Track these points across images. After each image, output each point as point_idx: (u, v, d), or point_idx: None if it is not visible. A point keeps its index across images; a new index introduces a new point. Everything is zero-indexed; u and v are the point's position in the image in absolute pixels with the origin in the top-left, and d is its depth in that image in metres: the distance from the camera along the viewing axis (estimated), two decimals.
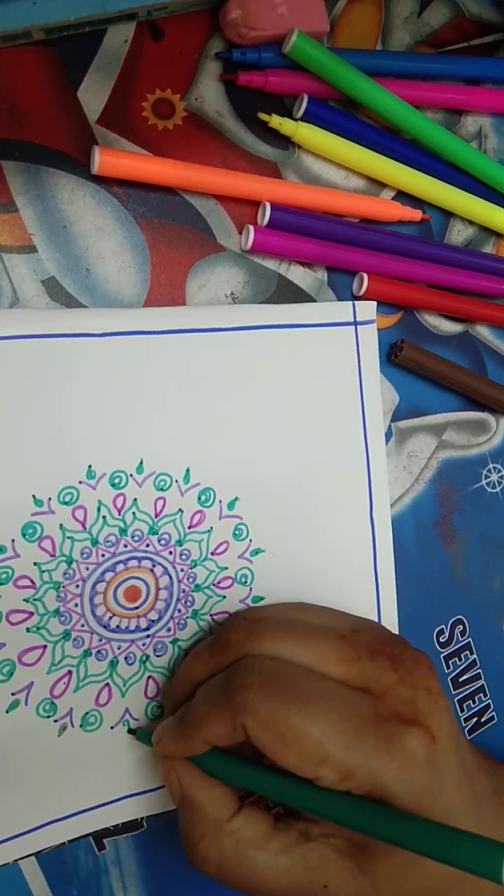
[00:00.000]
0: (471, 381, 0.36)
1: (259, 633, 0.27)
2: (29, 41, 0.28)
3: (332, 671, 0.26)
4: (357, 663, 0.26)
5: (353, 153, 0.33)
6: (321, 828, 0.25)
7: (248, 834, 0.25)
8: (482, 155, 0.35)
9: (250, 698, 0.24)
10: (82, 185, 0.30)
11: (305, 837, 0.25)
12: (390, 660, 0.26)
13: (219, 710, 0.25)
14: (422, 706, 0.25)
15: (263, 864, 0.25)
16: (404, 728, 0.24)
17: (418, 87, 0.34)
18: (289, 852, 0.25)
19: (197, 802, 0.26)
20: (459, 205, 0.36)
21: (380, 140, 0.34)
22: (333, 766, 0.23)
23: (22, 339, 0.28)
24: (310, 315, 0.33)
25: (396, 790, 0.24)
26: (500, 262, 0.37)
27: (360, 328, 0.34)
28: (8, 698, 0.28)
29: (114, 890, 0.32)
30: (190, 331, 0.30)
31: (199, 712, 0.26)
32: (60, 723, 0.29)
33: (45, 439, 0.28)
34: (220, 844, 0.25)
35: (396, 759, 0.24)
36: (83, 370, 0.29)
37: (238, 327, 0.31)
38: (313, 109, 0.32)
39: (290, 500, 0.33)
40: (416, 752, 0.24)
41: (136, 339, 0.30)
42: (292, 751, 0.24)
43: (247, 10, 0.30)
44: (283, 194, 0.32)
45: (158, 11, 0.30)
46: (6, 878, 0.30)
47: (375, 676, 0.26)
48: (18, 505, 0.28)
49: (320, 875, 0.25)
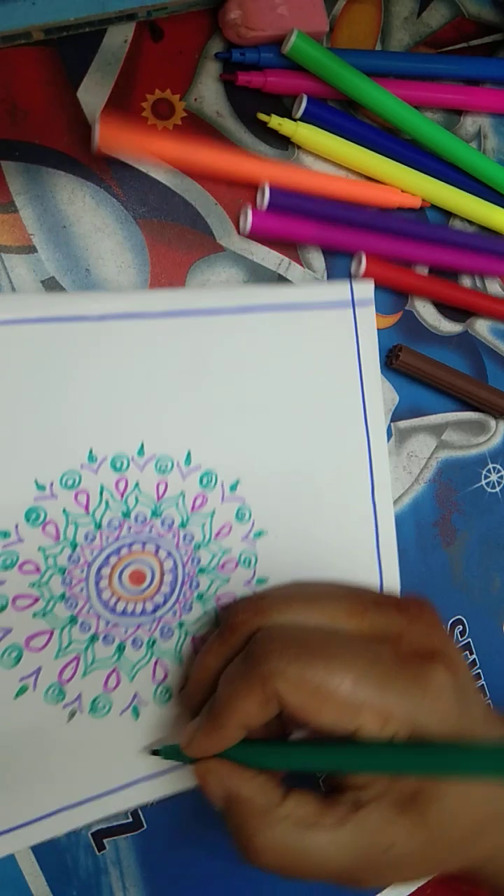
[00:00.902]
0: (468, 385, 0.36)
1: (265, 607, 0.27)
2: (29, 41, 0.28)
3: (345, 626, 0.26)
4: (366, 615, 0.26)
5: (352, 153, 0.33)
6: (369, 792, 0.25)
7: (302, 814, 0.25)
8: (481, 155, 0.35)
9: (275, 664, 0.24)
10: (82, 185, 0.30)
11: (357, 805, 0.25)
12: (396, 607, 0.27)
13: (248, 686, 0.25)
14: (437, 642, 0.26)
15: (324, 841, 0.24)
16: (427, 664, 0.25)
17: (417, 87, 0.34)
18: (345, 823, 0.24)
19: (243, 796, 0.25)
20: (459, 204, 0.36)
21: (379, 140, 0.34)
22: (372, 712, 0.24)
23: (20, 324, 0.28)
24: (308, 295, 0.33)
25: (435, 726, 0.24)
26: (501, 244, 0.37)
27: (359, 308, 0.34)
28: (16, 684, 0.28)
29: (114, 890, 0.32)
30: (188, 313, 0.30)
31: (227, 695, 0.25)
32: (69, 708, 0.29)
33: (45, 423, 0.28)
34: (276, 831, 0.24)
35: (429, 693, 0.24)
36: (82, 354, 0.29)
37: (237, 308, 0.31)
38: (312, 110, 0.32)
39: (291, 482, 0.33)
40: (443, 684, 0.25)
41: (134, 322, 0.29)
42: (329, 706, 0.24)
43: (246, 11, 0.30)
44: (284, 177, 0.32)
45: (158, 12, 0.30)
46: (6, 878, 0.30)
47: (386, 623, 0.26)
48: (21, 489, 0.28)
49: (382, 837, 0.24)
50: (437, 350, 0.37)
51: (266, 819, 0.25)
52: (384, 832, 0.24)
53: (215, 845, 0.33)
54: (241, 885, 0.34)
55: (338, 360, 0.34)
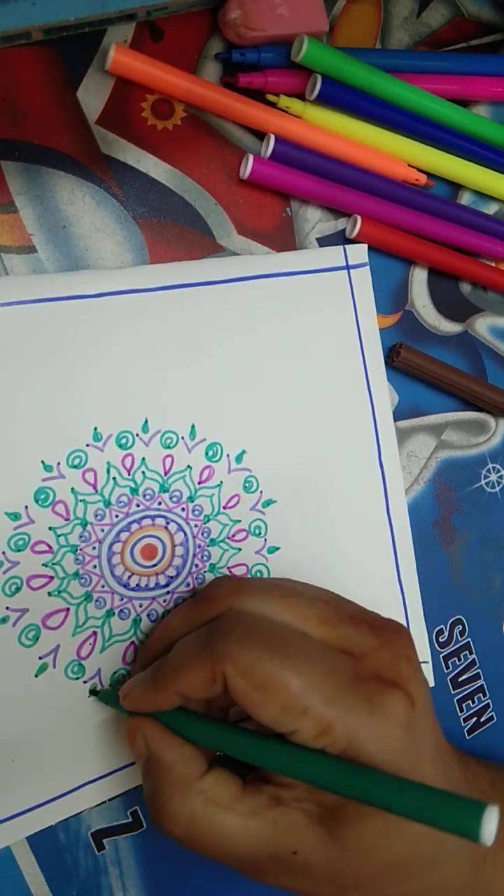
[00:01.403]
0: (469, 383, 0.36)
1: (243, 589, 0.27)
2: (29, 41, 0.28)
3: (312, 631, 0.26)
4: (338, 626, 0.26)
5: (362, 130, 0.33)
6: (292, 792, 0.25)
7: (218, 794, 0.25)
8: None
9: (232, 646, 0.24)
10: (82, 185, 0.30)
11: (276, 801, 0.25)
12: (371, 626, 0.26)
13: (199, 657, 0.24)
14: (402, 671, 0.25)
15: (233, 825, 0.24)
16: (385, 688, 0.24)
17: (418, 79, 0.34)
18: (258, 815, 0.24)
19: (166, 761, 0.25)
20: (470, 177, 0.36)
21: (388, 114, 0.33)
22: (313, 718, 0.23)
23: (16, 306, 0.28)
24: (302, 262, 0.33)
25: (374, 749, 0.23)
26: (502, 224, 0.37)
27: (353, 271, 0.34)
28: (36, 662, 0.29)
29: (113, 890, 0.32)
30: (184, 286, 0.30)
31: (177, 661, 0.25)
32: (90, 683, 0.30)
33: (48, 404, 0.28)
34: (190, 803, 0.24)
35: (376, 716, 0.24)
36: (80, 332, 0.29)
37: (232, 279, 0.31)
38: (327, 91, 0.32)
39: (296, 449, 0.33)
40: (396, 712, 0.24)
41: (130, 297, 0.30)
42: (272, 701, 0.23)
43: (246, 11, 0.30)
44: (293, 131, 0.32)
45: (158, 12, 0.30)
46: (6, 878, 0.30)
47: (356, 640, 0.26)
48: (28, 471, 0.28)
49: (290, 840, 0.24)
50: (437, 350, 0.37)
51: (182, 788, 0.24)
52: (294, 835, 0.24)
53: None
54: (241, 886, 0.34)
55: (335, 324, 0.34)
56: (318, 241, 0.34)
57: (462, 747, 0.39)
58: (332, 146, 0.33)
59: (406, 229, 0.35)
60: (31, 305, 0.28)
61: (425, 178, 0.35)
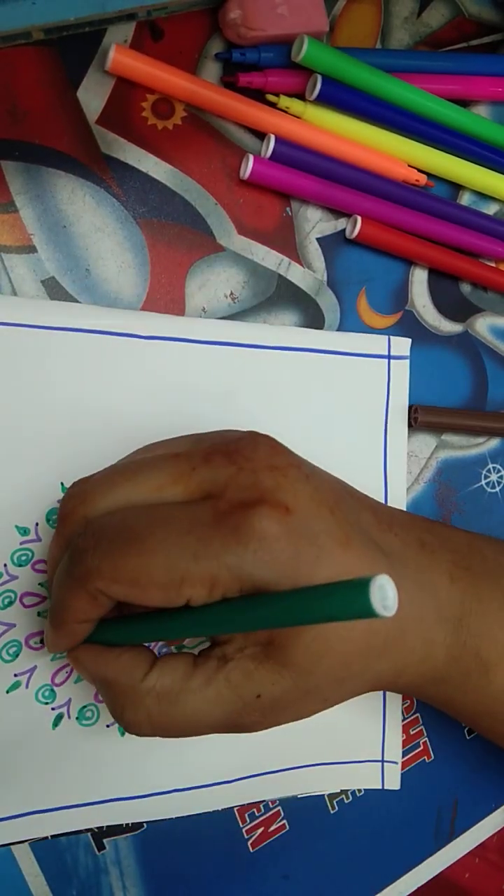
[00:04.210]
0: (493, 424, 0.37)
1: (88, 492, 0.25)
2: (29, 41, 0.28)
3: (168, 495, 0.24)
4: (193, 475, 0.24)
5: (362, 131, 0.33)
6: (233, 644, 0.25)
7: (167, 683, 0.24)
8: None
9: (90, 562, 0.23)
10: (82, 185, 0.30)
11: (223, 660, 0.25)
12: (226, 456, 0.25)
13: (70, 588, 0.24)
14: (265, 485, 0.24)
15: (193, 703, 0.24)
16: (248, 511, 0.23)
17: (418, 79, 0.34)
18: (212, 681, 0.24)
19: (108, 678, 0.25)
20: (469, 177, 0.36)
21: (388, 114, 0.33)
22: (194, 581, 0.23)
23: (60, 332, 0.29)
24: (345, 343, 0.34)
25: (261, 574, 0.23)
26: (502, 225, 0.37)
27: (394, 362, 0.35)
28: (10, 678, 0.29)
29: (113, 890, 0.32)
30: (227, 344, 0.31)
31: (59, 596, 0.25)
32: (57, 711, 0.29)
33: (73, 426, 0.29)
34: (142, 705, 0.24)
35: (250, 544, 0.23)
36: (119, 368, 0.29)
37: (272, 346, 0.32)
38: (326, 91, 0.32)
39: None
40: (266, 528, 0.23)
41: (180, 345, 0.31)
42: (149, 590, 0.23)
43: (246, 10, 0.30)
44: (293, 131, 0.32)
45: (158, 11, 0.30)
46: (6, 878, 0.30)
47: (213, 478, 0.24)
48: (46, 490, 0.28)
49: (248, 688, 0.24)
50: (438, 350, 0.37)
51: (131, 696, 0.25)
52: (250, 681, 0.24)
53: (215, 845, 0.33)
54: (241, 886, 0.34)
55: (366, 406, 0.34)
56: (318, 241, 0.34)
57: (462, 747, 0.39)
58: (332, 146, 0.33)
59: (406, 229, 0.35)
60: (70, 333, 0.29)
61: (425, 179, 0.35)
